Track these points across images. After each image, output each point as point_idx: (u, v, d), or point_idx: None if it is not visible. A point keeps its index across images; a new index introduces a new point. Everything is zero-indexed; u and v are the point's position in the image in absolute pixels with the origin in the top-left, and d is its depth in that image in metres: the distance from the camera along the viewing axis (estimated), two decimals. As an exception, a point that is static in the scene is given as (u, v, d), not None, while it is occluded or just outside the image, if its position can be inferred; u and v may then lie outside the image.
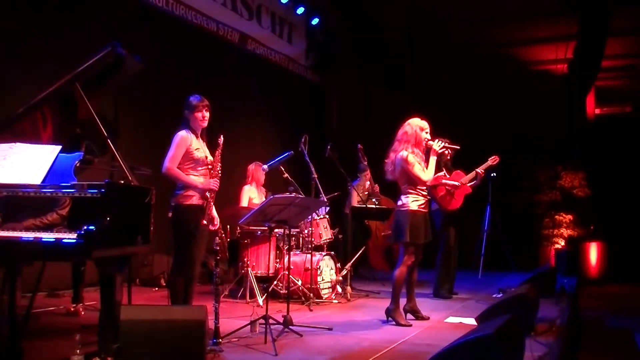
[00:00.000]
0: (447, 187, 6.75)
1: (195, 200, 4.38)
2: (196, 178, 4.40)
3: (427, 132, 5.27)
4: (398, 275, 5.23)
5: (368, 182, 8.13)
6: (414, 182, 5.19)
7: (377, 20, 11.31)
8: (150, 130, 7.24)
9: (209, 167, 4.44)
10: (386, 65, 11.78)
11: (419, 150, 5.22)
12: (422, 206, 5.26)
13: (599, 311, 6.75)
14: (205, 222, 4.38)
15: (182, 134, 4.39)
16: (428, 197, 5.42)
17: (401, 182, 5.27)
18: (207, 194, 4.40)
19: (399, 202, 5.28)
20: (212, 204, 4.44)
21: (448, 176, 6.82)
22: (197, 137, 4.46)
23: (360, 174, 8.16)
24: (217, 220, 4.58)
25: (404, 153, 5.16)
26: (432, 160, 5.24)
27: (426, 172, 5.20)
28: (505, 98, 11.11)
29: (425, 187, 5.31)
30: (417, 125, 5.26)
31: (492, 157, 6.79)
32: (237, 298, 6.37)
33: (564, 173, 10.72)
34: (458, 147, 5.56)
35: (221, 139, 4.45)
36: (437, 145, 5.24)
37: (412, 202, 5.20)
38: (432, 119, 5.40)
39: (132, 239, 3.46)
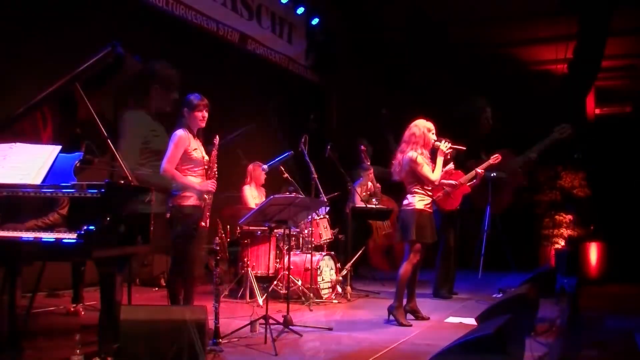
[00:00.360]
0: (444, 187, 6.74)
1: (193, 201, 4.37)
2: (194, 179, 4.39)
3: (433, 133, 5.33)
4: (403, 274, 5.25)
5: (370, 182, 8.12)
6: (422, 182, 5.24)
7: (377, 20, 11.30)
8: (151, 130, 7.22)
9: (206, 167, 4.43)
10: (386, 65, 11.76)
11: (426, 152, 5.28)
12: (428, 206, 5.31)
13: (599, 311, 6.74)
14: (203, 223, 4.38)
15: (181, 133, 4.37)
16: (433, 197, 5.46)
17: (408, 182, 5.31)
18: (205, 195, 4.40)
19: (405, 202, 5.31)
20: (209, 205, 4.44)
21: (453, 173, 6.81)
22: (194, 136, 4.45)
23: (362, 173, 8.16)
24: (207, 222, 4.53)
25: (413, 154, 5.21)
26: (439, 160, 5.31)
27: (434, 173, 5.25)
28: (505, 98, 11.10)
29: (431, 187, 5.36)
30: (424, 126, 5.32)
31: (494, 156, 6.74)
32: (237, 298, 6.36)
33: (564, 173, 10.71)
34: (464, 148, 5.58)
35: (217, 140, 4.44)
36: (444, 146, 5.30)
37: (419, 201, 5.24)
38: (432, 119, 5.43)
39: (132, 239, 3.46)
